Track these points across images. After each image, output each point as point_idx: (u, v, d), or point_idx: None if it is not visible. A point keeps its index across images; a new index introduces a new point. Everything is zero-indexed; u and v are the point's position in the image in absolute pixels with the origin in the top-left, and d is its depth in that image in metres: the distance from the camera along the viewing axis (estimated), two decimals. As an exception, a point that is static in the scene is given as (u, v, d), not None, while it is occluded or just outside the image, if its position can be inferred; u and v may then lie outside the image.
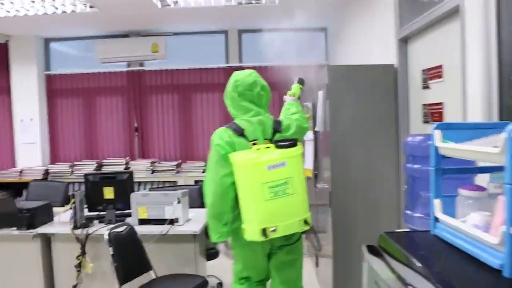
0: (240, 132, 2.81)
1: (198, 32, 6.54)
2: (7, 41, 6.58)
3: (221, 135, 2.83)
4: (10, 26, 6.06)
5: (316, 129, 3.86)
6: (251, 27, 6.44)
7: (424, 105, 3.09)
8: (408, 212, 2.10)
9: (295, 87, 3.62)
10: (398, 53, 3.40)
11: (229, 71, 6.38)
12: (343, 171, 3.53)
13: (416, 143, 2.07)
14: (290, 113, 3.10)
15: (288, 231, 2.67)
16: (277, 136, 2.83)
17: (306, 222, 2.72)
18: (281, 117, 3.06)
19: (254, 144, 2.71)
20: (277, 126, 2.89)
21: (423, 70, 3.07)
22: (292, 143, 2.68)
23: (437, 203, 1.71)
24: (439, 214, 1.70)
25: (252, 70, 3.08)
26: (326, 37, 6.49)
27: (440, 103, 2.83)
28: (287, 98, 3.37)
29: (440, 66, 2.79)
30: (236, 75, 3.03)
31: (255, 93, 2.92)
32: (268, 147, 2.65)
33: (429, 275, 1.39)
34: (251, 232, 2.60)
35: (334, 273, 3.61)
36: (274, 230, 2.58)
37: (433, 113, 2.94)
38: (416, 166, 2.05)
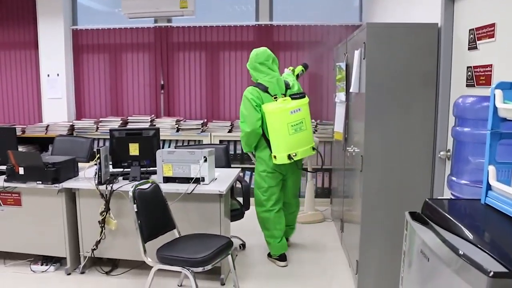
0: (265, 89, 3.99)
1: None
2: (34, -6, 6.49)
3: (252, 92, 4.00)
4: (37, -22, 5.95)
5: (350, 90, 3.69)
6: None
7: (469, 67, 2.88)
8: (454, 178, 1.96)
9: (298, 68, 4.89)
10: (443, 11, 3.16)
11: (259, 29, 6.21)
12: (377, 136, 3.37)
13: (469, 105, 1.90)
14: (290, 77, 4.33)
15: (304, 155, 3.97)
16: (288, 92, 4.07)
17: (313, 148, 4.06)
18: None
19: (275, 98, 3.96)
20: (287, 85, 4.13)
21: (471, 30, 2.85)
22: (303, 95, 4.02)
23: (491, 170, 1.56)
24: (493, 181, 1.55)
25: (265, 48, 4.17)
26: (360, -4, 6.22)
27: (489, 65, 2.62)
28: (286, 70, 4.76)
29: (492, 25, 2.57)
30: (256, 50, 4.14)
31: (270, 62, 4.10)
32: (285, 100, 3.90)
33: (483, 245, 1.27)
34: (280, 158, 3.86)
35: (361, 239, 3.50)
36: (295, 155, 3.87)
37: (479, 76, 2.74)
38: (466, 129, 1.89)
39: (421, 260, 1.57)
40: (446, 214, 1.53)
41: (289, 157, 3.84)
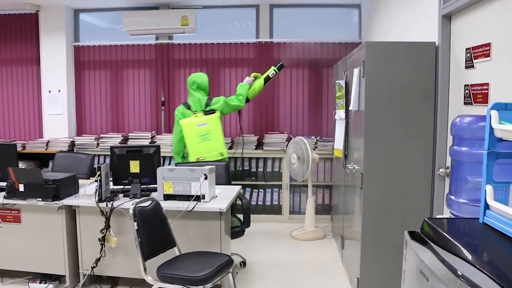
0: (188, 107, 5.00)
1: (228, 5, 6.38)
2: (37, 11, 6.54)
3: (178, 109, 5.06)
4: (39, -5, 6.02)
5: (350, 108, 3.72)
6: (283, 2, 6.27)
7: (466, 85, 2.91)
8: (452, 197, 1.97)
9: (269, 70, 5.34)
10: (440, 30, 3.21)
11: (259, 46, 6.26)
12: (377, 153, 3.40)
13: (466, 124, 1.92)
14: (237, 93, 5.22)
15: (211, 159, 4.74)
16: (208, 108, 4.93)
17: (221, 154, 4.84)
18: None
19: (195, 113, 4.91)
20: (209, 102, 4.99)
21: (467, 49, 2.89)
22: (210, 111, 4.90)
23: (489, 189, 1.58)
24: (491, 201, 1.56)
25: (195, 74, 5.15)
26: (359, 13, 6.27)
27: (486, 84, 2.65)
28: (246, 79, 5.31)
29: (488, 44, 2.61)
30: (190, 77, 5.10)
31: (194, 86, 5.03)
32: (196, 115, 4.89)
33: (482, 265, 1.28)
34: (192, 160, 4.80)
35: (361, 256, 3.51)
36: (203, 158, 4.77)
37: (477, 94, 2.77)
38: (464, 148, 1.91)
39: (421, 280, 1.58)
40: (445, 234, 1.54)
41: (198, 160, 4.76)
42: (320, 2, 6.23)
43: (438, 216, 2.04)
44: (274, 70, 5.31)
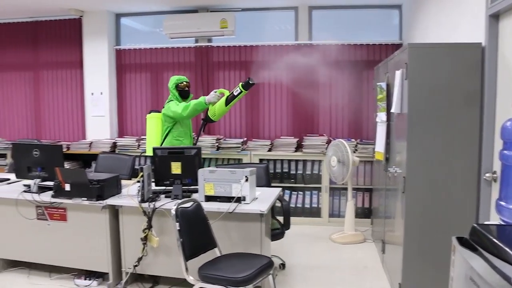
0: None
1: (267, 8, 6.40)
2: (81, 16, 6.73)
3: None
4: (84, 2, 6.19)
5: (392, 110, 3.66)
6: (322, 3, 6.24)
7: (516, 87, 2.83)
8: (503, 203, 1.91)
9: (237, 86, 4.81)
10: (487, 30, 3.12)
11: (298, 48, 6.24)
12: (420, 156, 3.34)
13: (518, 128, 1.86)
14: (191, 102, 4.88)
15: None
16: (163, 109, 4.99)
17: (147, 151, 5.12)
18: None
19: None
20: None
21: (517, 49, 2.81)
22: (156, 111, 5.15)
23: (544, 195, 1.52)
24: (546, 207, 1.51)
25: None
26: (400, 14, 6.18)
27: (537, 85, 2.57)
28: (210, 94, 4.95)
29: (539, 44, 2.53)
30: None
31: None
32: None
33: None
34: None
35: (404, 262, 3.45)
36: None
37: (527, 96, 2.69)
38: (515, 153, 1.85)
39: (470, 287, 1.54)
40: (496, 241, 1.50)
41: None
42: (359, 4, 6.18)
43: (486, 222, 1.98)
44: (240, 88, 4.76)
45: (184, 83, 5.00)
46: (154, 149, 3.98)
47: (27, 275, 4.25)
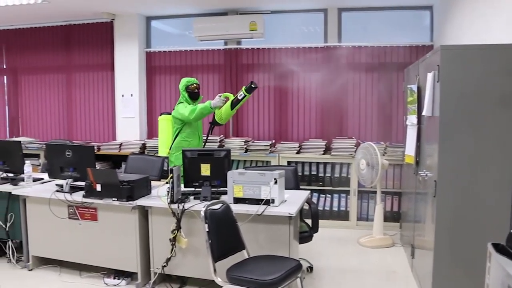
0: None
1: (296, 10, 6.38)
2: (112, 20, 6.84)
3: None
4: (116, 5, 6.29)
5: (423, 113, 3.61)
6: (351, 5, 6.19)
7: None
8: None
9: (241, 89, 4.94)
10: (524, 32, 3.06)
11: (327, 50, 6.21)
12: (452, 160, 3.27)
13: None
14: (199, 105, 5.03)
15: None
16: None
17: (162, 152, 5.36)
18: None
19: None
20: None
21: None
22: (167, 113, 5.41)
23: None
24: None
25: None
26: (431, 15, 6.08)
27: None
28: (216, 98, 5.05)
29: None
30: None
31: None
32: None
33: None
34: None
35: (434, 267, 3.38)
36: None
37: None
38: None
39: (507, 295, 1.50)
40: (535, 248, 1.45)
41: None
42: (389, 5, 6.11)
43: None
44: (243, 91, 4.90)
45: (194, 85, 5.12)
46: (184, 150, 4.01)
47: (59, 273, 4.34)
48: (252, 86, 4.84)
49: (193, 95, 5.12)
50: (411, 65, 4.75)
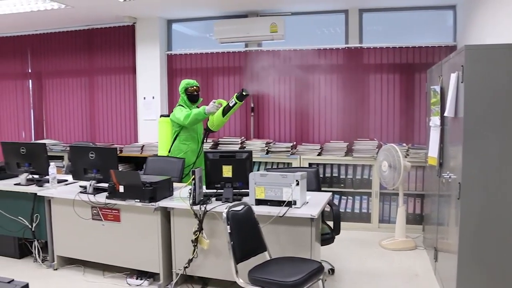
0: None
1: (317, 11, 6.37)
2: (134, 23, 6.92)
3: None
4: (137, 9, 6.35)
5: (445, 114, 3.57)
6: (373, 6, 6.15)
7: None
8: None
9: (232, 97, 4.89)
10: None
11: (349, 51, 6.18)
12: (476, 162, 3.22)
13: None
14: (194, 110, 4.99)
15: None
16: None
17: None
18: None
19: None
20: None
21: None
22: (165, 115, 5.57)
23: None
24: None
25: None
26: (454, 15, 6.01)
27: None
28: (210, 104, 4.98)
29: None
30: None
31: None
32: None
33: None
34: None
35: (458, 271, 3.33)
36: None
37: None
38: None
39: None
40: None
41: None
42: (411, 5, 6.05)
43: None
44: (234, 99, 4.85)
45: (194, 87, 5.12)
46: (205, 152, 4.04)
47: (82, 273, 4.40)
48: (244, 93, 4.81)
49: (192, 97, 5.13)
50: (434, 65, 4.70)
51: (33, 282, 1.73)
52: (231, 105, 4.87)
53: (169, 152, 5.20)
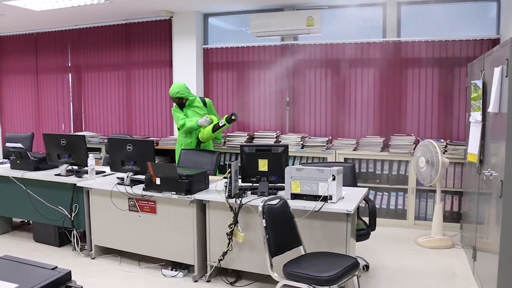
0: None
1: (354, 5, 6.27)
2: (171, 17, 6.97)
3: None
4: (174, 3, 6.40)
5: (489, 109, 3.47)
6: (411, -2, 6.03)
7: None
8: None
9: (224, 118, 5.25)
10: None
11: (386, 45, 6.08)
12: (520, 159, 3.12)
13: None
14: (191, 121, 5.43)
15: None
16: None
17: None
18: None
19: None
20: None
21: None
22: None
23: None
24: None
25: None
26: (498, 6, 5.82)
27: None
28: (204, 118, 5.41)
29: None
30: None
31: None
32: None
33: None
34: None
35: (499, 271, 3.25)
36: None
37: None
38: None
39: None
40: None
41: None
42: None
43: None
44: (224, 120, 5.26)
45: (176, 99, 5.53)
46: (241, 146, 4.05)
47: (119, 262, 4.50)
48: (232, 118, 5.19)
49: (179, 105, 5.59)
50: (475, 59, 4.57)
51: (73, 270, 1.78)
52: (220, 125, 5.29)
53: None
